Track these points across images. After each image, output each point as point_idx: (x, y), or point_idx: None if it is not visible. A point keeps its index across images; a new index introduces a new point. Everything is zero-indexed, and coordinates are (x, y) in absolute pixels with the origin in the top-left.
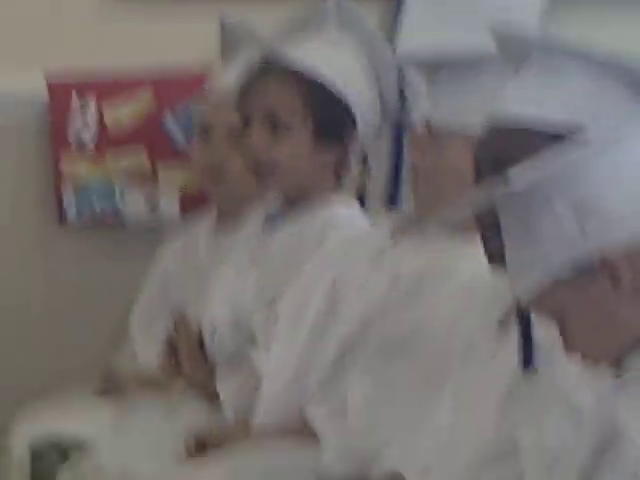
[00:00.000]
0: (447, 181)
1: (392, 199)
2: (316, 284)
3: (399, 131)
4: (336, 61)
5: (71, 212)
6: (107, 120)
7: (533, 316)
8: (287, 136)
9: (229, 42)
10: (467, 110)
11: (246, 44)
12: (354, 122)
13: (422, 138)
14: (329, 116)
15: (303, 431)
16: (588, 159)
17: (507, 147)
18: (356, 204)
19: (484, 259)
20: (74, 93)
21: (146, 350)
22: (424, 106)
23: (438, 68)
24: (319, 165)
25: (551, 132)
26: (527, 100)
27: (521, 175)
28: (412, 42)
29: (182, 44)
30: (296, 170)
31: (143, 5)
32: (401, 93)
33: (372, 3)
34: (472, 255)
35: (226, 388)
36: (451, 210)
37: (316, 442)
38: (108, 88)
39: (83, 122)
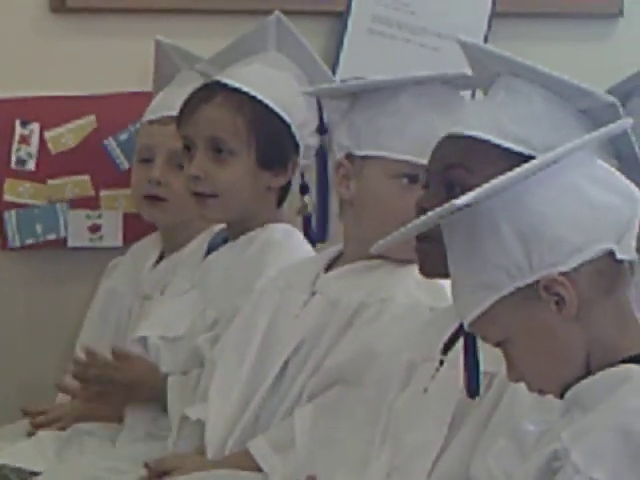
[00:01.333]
0: (372, 208)
1: (321, 227)
2: (255, 322)
3: (323, 160)
4: (277, 84)
5: (13, 237)
6: (50, 145)
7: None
8: (230, 161)
9: (164, 63)
10: (385, 134)
11: (183, 65)
12: (297, 146)
13: (344, 167)
14: (272, 141)
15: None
16: (527, 178)
17: (456, 154)
18: (295, 228)
19: (421, 285)
20: (17, 118)
21: None
22: (342, 134)
23: (358, 95)
24: (261, 190)
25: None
26: (486, 121)
27: (464, 196)
28: (355, 61)
29: (124, 63)
30: (238, 195)
31: (83, 23)
32: (321, 121)
33: (318, 22)
34: (409, 283)
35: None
36: (394, 235)
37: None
38: (51, 113)
39: (26, 147)
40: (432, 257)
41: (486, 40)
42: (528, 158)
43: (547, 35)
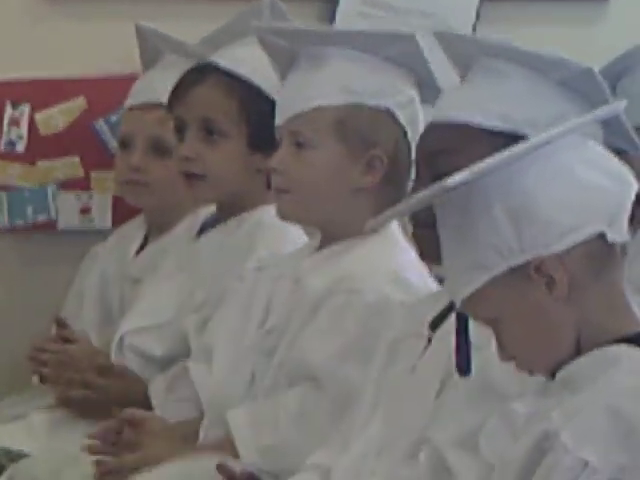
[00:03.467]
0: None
1: None
2: (250, 305)
3: None
4: (270, 67)
5: (3, 218)
6: (40, 126)
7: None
8: (222, 142)
9: (148, 49)
10: (318, 90)
11: (166, 51)
12: None
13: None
14: (264, 123)
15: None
16: (519, 159)
17: (442, 140)
18: None
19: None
20: (7, 99)
21: None
22: None
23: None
24: (252, 171)
25: (487, 128)
26: (467, 103)
27: (456, 175)
28: None
29: (114, 46)
30: (229, 177)
31: (74, 6)
32: None
33: (308, 5)
34: (378, 276)
35: (157, 395)
36: (388, 212)
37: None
38: (41, 94)
39: (16, 128)
40: (432, 244)
41: (475, 24)
42: (512, 136)
43: (536, 18)
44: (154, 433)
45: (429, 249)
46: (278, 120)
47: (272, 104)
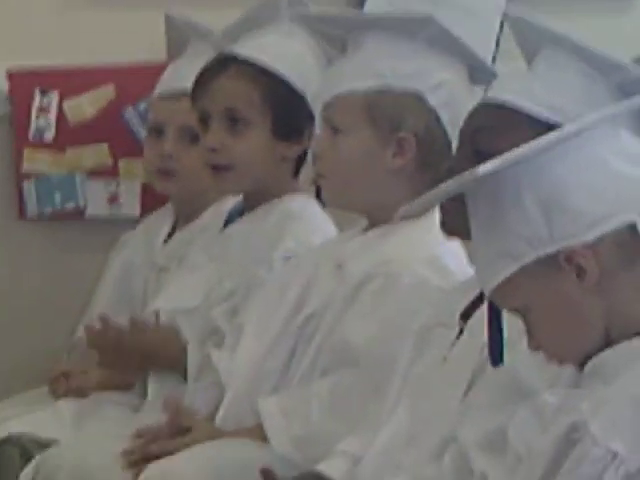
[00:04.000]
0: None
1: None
2: (285, 291)
3: None
4: (291, 55)
5: (31, 206)
6: (69, 114)
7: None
8: (246, 132)
9: (175, 37)
10: (351, 74)
11: (194, 39)
12: (311, 116)
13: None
14: (287, 111)
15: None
16: (550, 149)
17: (485, 119)
18: (313, 197)
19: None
20: (36, 87)
21: None
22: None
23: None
24: (277, 160)
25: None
26: (519, 87)
27: (487, 164)
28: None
29: (143, 34)
30: (254, 166)
31: None
32: None
33: None
34: (416, 260)
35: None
36: (419, 200)
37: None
38: (70, 82)
39: (45, 116)
40: (454, 215)
41: (505, 15)
42: (556, 128)
43: (566, 9)
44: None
45: (452, 221)
46: (318, 105)
47: (294, 92)
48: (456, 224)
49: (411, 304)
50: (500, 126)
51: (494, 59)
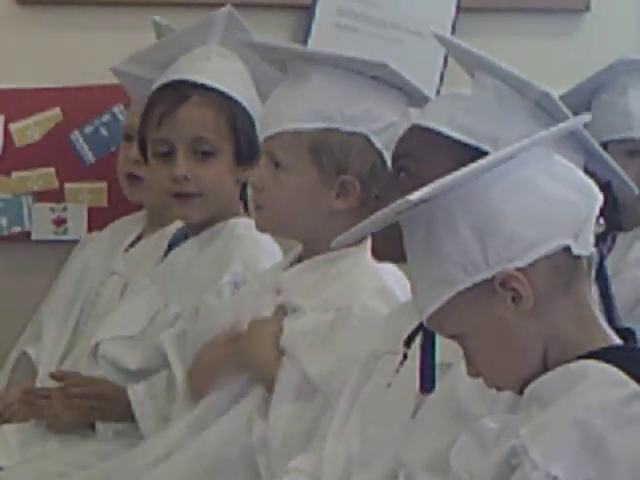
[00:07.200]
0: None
1: None
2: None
3: None
4: (239, 79)
5: None
6: (15, 138)
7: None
8: (213, 159)
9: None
10: (296, 112)
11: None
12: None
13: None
14: (247, 136)
15: None
16: (482, 173)
17: (406, 144)
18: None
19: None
20: None
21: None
22: None
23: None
24: (235, 185)
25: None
26: (441, 112)
27: (419, 190)
28: None
29: (90, 56)
30: (221, 192)
31: (49, 15)
32: None
33: (284, 15)
34: (364, 291)
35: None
36: (353, 230)
37: None
38: (16, 105)
39: None
40: (384, 241)
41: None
42: (475, 150)
43: (514, 30)
44: None
45: (383, 246)
46: (260, 135)
47: (250, 117)
48: (387, 249)
49: (361, 336)
50: (420, 151)
51: (442, 77)
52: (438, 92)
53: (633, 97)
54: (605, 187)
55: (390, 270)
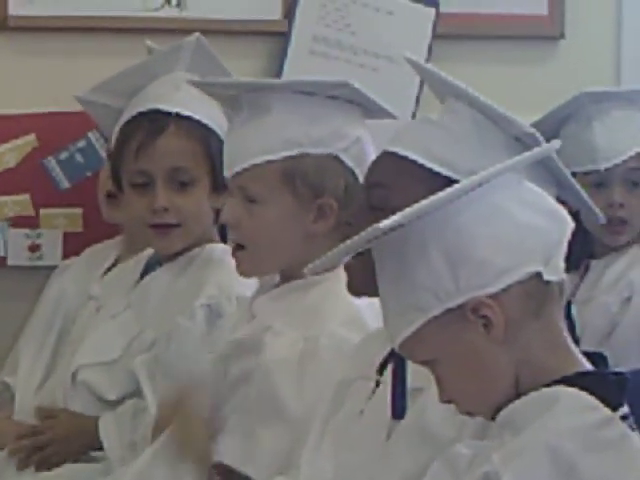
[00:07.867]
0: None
1: None
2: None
3: None
4: (209, 107)
5: None
6: None
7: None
8: (192, 189)
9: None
10: (262, 143)
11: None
12: None
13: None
14: (222, 162)
15: None
16: (453, 201)
17: (380, 172)
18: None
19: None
20: None
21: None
22: None
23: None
24: (211, 212)
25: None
26: (414, 140)
27: (391, 218)
28: None
29: (65, 82)
30: (200, 222)
31: (24, 41)
32: None
33: (259, 42)
34: (332, 320)
35: (108, 433)
36: (325, 257)
37: None
38: None
39: None
40: (360, 275)
41: (427, 62)
42: (451, 181)
43: (488, 57)
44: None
45: (358, 281)
46: (225, 171)
47: (222, 144)
48: (362, 284)
49: (331, 366)
50: (393, 180)
51: (417, 100)
52: (414, 115)
53: (598, 129)
54: (575, 216)
55: (366, 300)
